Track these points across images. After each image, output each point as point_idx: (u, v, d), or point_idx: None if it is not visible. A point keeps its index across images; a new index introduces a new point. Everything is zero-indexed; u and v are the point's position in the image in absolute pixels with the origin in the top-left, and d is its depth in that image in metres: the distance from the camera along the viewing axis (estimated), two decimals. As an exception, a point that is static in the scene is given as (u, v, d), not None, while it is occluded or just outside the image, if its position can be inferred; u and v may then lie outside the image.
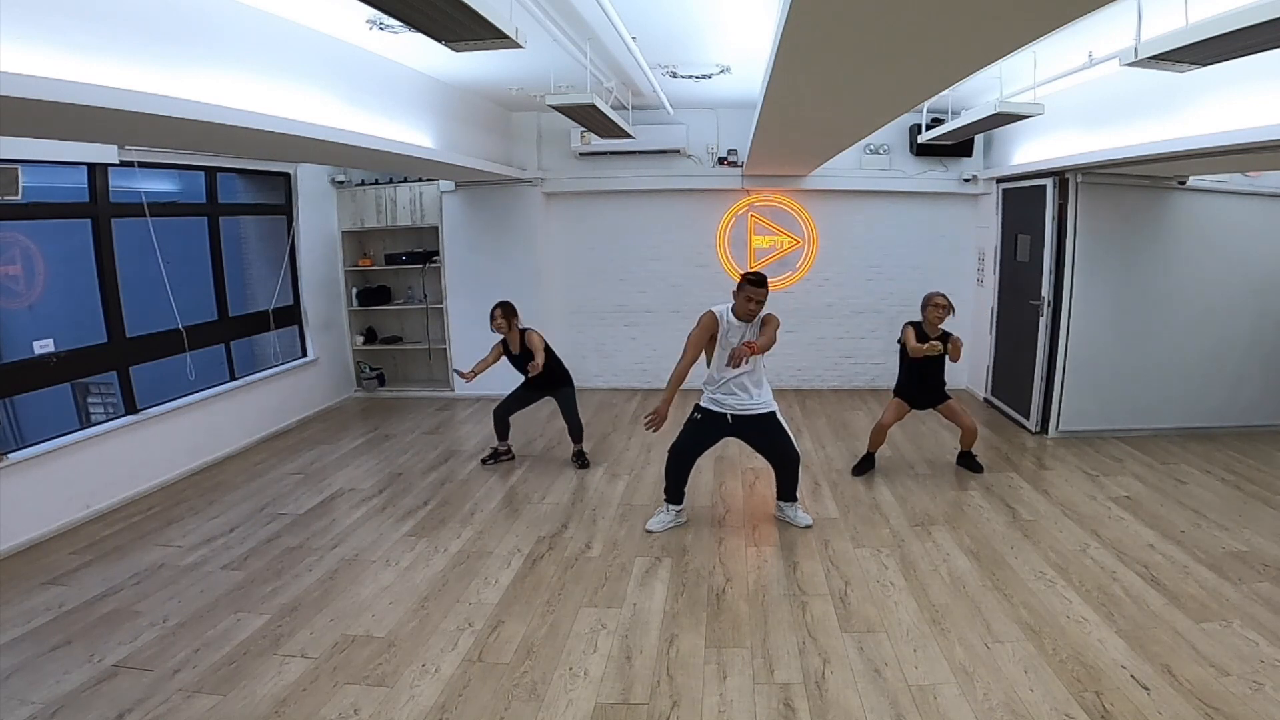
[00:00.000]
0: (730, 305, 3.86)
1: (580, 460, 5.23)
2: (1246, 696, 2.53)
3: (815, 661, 2.83)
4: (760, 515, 4.26)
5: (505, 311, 4.95)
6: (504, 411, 5.20)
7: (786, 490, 4.12)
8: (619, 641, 3.00)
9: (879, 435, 4.93)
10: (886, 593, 3.36)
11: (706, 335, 3.90)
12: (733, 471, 5.04)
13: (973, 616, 3.12)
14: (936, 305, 4.61)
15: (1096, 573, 3.48)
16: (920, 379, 4.78)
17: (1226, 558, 3.60)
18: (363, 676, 2.78)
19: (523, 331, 4.95)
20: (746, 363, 3.78)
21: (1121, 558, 3.62)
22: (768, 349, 3.75)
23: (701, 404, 4.01)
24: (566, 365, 5.27)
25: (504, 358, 5.02)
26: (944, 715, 2.50)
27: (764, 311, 3.84)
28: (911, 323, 4.69)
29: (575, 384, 5.27)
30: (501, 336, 4.98)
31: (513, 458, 5.34)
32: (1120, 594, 3.27)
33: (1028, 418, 5.87)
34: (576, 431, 5.23)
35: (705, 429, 4.02)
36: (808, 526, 4.07)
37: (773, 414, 3.97)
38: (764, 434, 4.00)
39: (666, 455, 4.10)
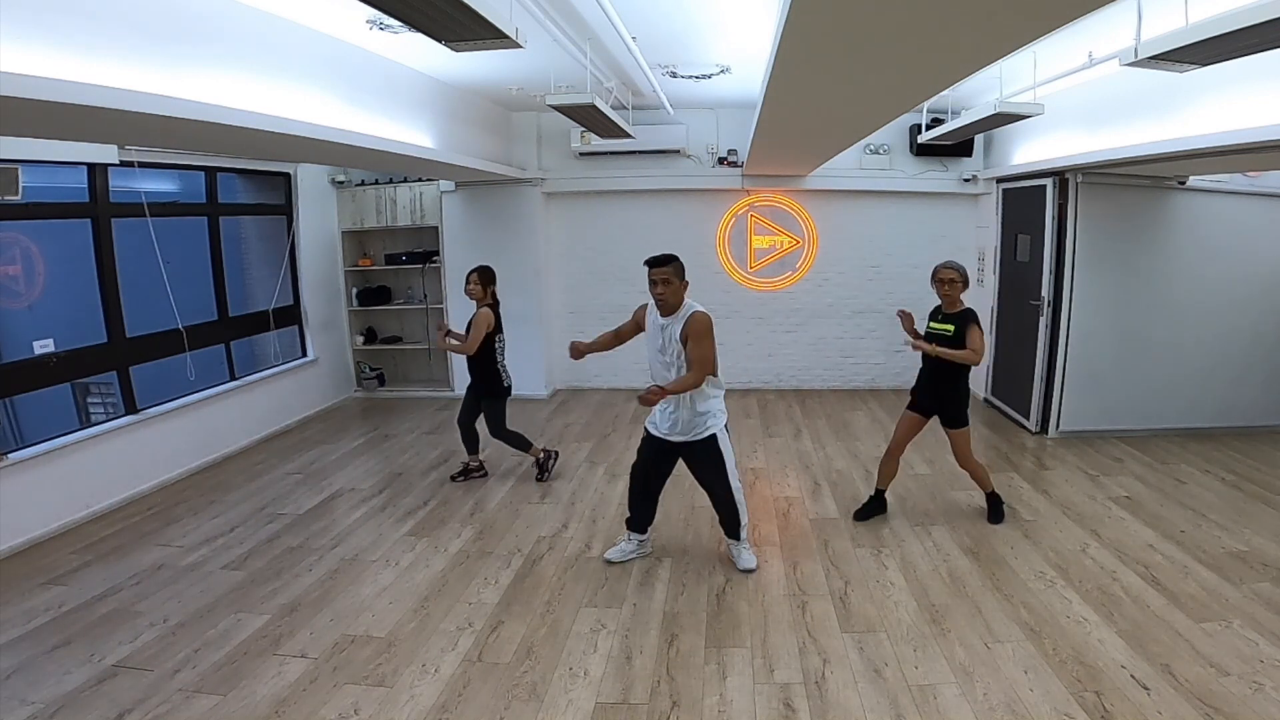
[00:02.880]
0: None
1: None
2: (1246, 696, 2.53)
3: (815, 661, 2.83)
4: (760, 515, 4.26)
5: (482, 276, 4.55)
6: (466, 419, 4.83)
7: (728, 527, 3.59)
8: (619, 641, 3.00)
9: (889, 464, 4.18)
10: (886, 593, 3.36)
11: (632, 324, 3.52)
12: (733, 471, 5.04)
13: (973, 616, 3.12)
14: (941, 280, 3.84)
15: (1096, 573, 3.48)
16: (926, 375, 4.01)
17: (1226, 558, 3.60)
18: (363, 676, 2.78)
19: (485, 306, 4.56)
20: (671, 372, 3.28)
21: (1121, 558, 3.62)
22: (684, 389, 3.20)
23: (646, 420, 3.54)
24: (512, 375, 4.77)
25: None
26: (944, 715, 2.50)
27: (690, 308, 3.27)
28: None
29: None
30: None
31: (485, 474, 5.00)
32: (1120, 594, 3.27)
33: (1028, 418, 5.87)
34: (513, 442, 4.81)
35: (648, 450, 3.53)
36: (748, 570, 3.54)
37: (713, 439, 3.38)
38: (700, 464, 3.47)
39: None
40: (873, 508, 4.23)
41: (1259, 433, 5.62)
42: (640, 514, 3.66)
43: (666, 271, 3.25)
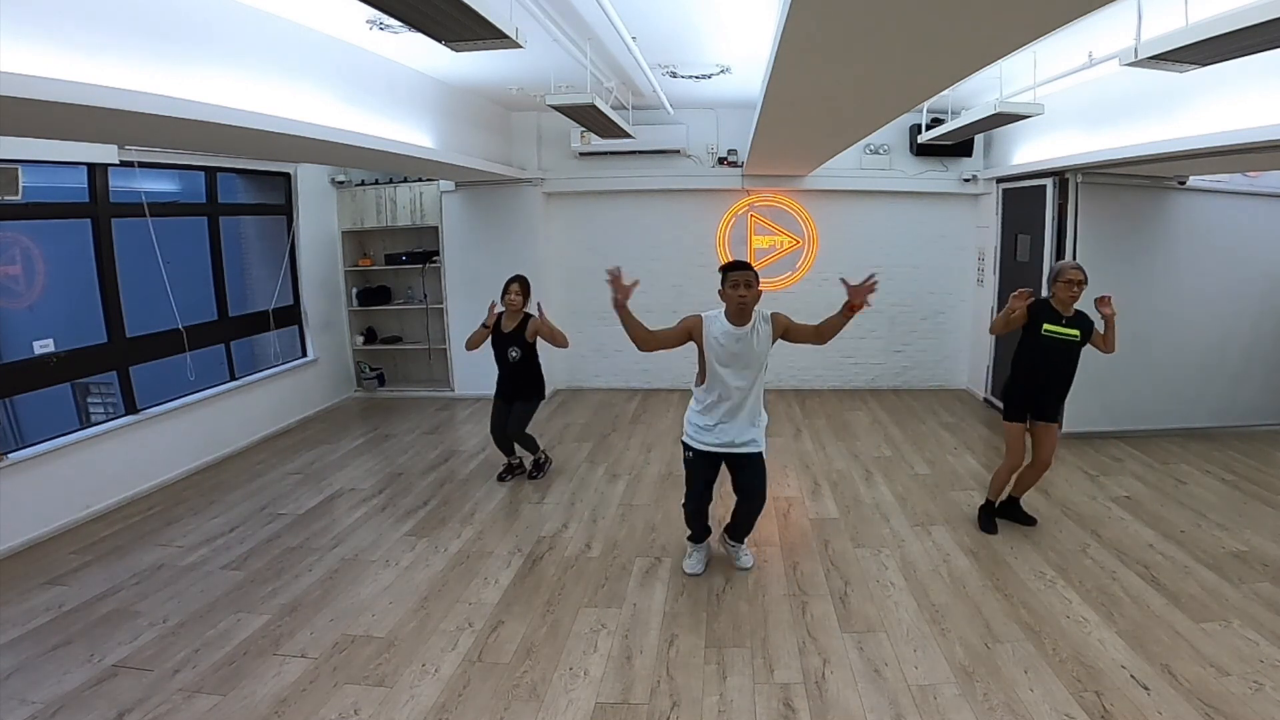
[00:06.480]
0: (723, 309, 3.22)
1: (533, 469, 4.93)
2: (1246, 696, 2.53)
3: (815, 661, 2.83)
4: (760, 515, 4.25)
5: (525, 287, 4.67)
6: (498, 429, 4.82)
7: (745, 531, 3.59)
8: (619, 641, 3.00)
9: (1004, 478, 3.97)
10: (886, 593, 3.36)
11: (679, 334, 3.25)
12: (733, 471, 5.04)
13: (973, 616, 3.12)
14: (1072, 280, 3.59)
15: (1096, 573, 3.48)
16: (1047, 377, 3.74)
17: (1226, 558, 3.60)
18: (363, 676, 2.78)
19: (528, 316, 4.67)
20: (743, 374, 3.21)
21: (1121, 558, 3.62)
22: (824, 338, 3.19)
23: (689, 440, 3.37)
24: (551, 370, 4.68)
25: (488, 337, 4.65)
26: (944, 715, 2.50)
27: (762, 312, 3.24)
28: (1038, 298, 3.71)
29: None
30: (497, 312, 4.66)
31: (524, 470, 5.01)
32: (1120, 594, 3.27)
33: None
34: (528, 442, 4.88)
35: (702, 467, 3.38)
36: (746, 569, 3.59)
37: (760, 454, 3.36)
38: (749, 473, 3.39)
39: (682, 509, 3.57)
40: (1005, 515, 4.06)
41: (1259, 433, 5.62)
42: (702, 525, 3.58)
43: (750, 274, 3.17)
